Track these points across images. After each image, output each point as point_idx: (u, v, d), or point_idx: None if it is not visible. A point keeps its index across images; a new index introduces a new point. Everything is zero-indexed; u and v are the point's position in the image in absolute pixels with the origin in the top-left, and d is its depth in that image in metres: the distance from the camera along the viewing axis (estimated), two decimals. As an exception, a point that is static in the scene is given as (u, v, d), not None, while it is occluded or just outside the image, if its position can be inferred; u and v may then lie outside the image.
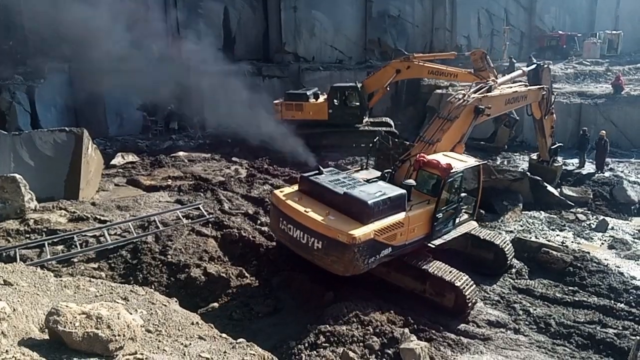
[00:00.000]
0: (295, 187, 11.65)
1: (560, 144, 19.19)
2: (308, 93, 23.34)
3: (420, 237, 11.05)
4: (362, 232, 9.72)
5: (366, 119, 23.48)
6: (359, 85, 22.97)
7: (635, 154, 22.66)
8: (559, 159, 19.99)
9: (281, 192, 11.58)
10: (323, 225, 9.96)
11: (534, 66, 18.56)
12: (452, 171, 11.10)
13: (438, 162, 11.30)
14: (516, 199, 16.72)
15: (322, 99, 23.29)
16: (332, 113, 22.61)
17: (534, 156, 19.76)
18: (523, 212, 16.41)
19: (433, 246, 11.27)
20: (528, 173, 17.72)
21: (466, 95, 13.38)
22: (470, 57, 21.66)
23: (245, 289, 11.32)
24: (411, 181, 11.20)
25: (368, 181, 11.45)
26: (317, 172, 11.50)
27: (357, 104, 22.78)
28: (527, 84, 16.90)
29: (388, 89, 23.31)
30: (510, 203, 16.47)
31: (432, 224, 11.12)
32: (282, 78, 28.72)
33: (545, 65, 18.72)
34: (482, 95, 13.61)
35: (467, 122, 13.08)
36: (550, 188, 17.45)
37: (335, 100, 22.73)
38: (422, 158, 11.57)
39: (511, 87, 15.85)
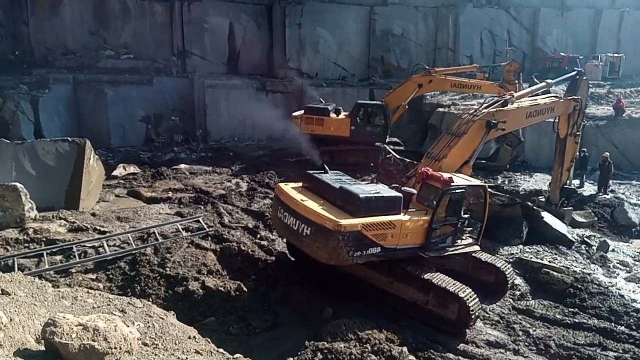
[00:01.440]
0: (300, 184, 11.99)
1: (575, 187, 17.30)
2: (329, 108, 22.88)
3: (413, 245, 11.01)
4: (348, 221, 9.93)
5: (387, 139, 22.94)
6: (384, 103, 22.57)
7: (636, 176, 22.65)
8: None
9: (286, 185, 11.99)
10: (313, 212, 10.30)
11: (573, 73, 16.68)
12: (452, 184, 11.19)
13: (440, 175, 11.40)
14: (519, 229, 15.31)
15: (342, 115, 22.88)
16: (354, 130, 22.04)
17: (542, 198, 18.17)
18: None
19: (426, 257, 11.23)
20: (518, 200, 16.27)
21: (477, 110, 13.01)
22: (504, 67, 21.40)
23: (244, 303, 11.23)
24: (412, 189, 11.34)
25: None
26: (322, 171, 11.87)
27: (382, 122, 22.28)
28: (557, 95, 15.60)
29: (407, 106, 22.86)
30: (512, 234, 15.13)
31: (428, 234, 11.11)
32: (286, 94, 28.90)
33: (585, 77, 17.00)
34: (496, 109, 13.15)
35: (476, 138, 12.75)
36: (547, 218, 15.80)
37: (358, 118, 22.26)
38: (425, 171, 11.64)
39: (536, 100, 14.75)
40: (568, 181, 17.30)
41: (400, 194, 10.91)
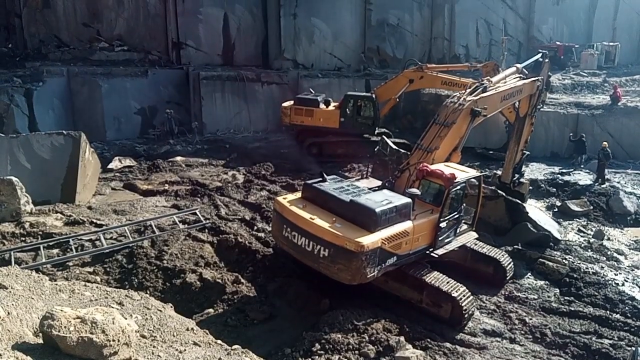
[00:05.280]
0: (298, 195, 11.60)
1: (527, 152, 17.26)
2: (319, 99, 22.77)
3: (423, 246, 11.03)
4: (370, 240, 9.66)
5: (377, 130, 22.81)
6: (373, 95, 22.50)
7: (631, 164, 22.75)
8: (525, 170, 18.24)
9: (284, 199, 11.48)
10: (330, 232, 9.87)
11: (538, 55, 17.05)
12: (455, 181, 11.09)
13: (442, 172, 11.26)
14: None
15: (332, 106, 22.82)
16: (343, 122, 22.04)
17: (498, 172, 17.80)
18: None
19: (436, 256, 11.21)
20: (503, 193, 15.82)
21: (461, 99, 12.89)
22: (482, 69, 21.35)
23: (241, 295, 11.26)
24: (416, 190, 11.14)
25: (372, 190, 11.42)
26: (320, 179, 11.46)
27: (371, 114, 22.20)
28: (522, 76, 15.75)
29: (398, 99, 22.79)
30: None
31: (436, 233, 11.08)
32: (281, 85, 28.75)
33: (547, 60, 17.47)
34: (478, 96, 13.15)
35: (464, 126, 12.77)
36: (533, 214, 15.47)
37: (347, 109, 22.22)
38: (425, 168, 11.49)
39: (506, 83, 14.88)
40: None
41: (410, 199, 10.70)
